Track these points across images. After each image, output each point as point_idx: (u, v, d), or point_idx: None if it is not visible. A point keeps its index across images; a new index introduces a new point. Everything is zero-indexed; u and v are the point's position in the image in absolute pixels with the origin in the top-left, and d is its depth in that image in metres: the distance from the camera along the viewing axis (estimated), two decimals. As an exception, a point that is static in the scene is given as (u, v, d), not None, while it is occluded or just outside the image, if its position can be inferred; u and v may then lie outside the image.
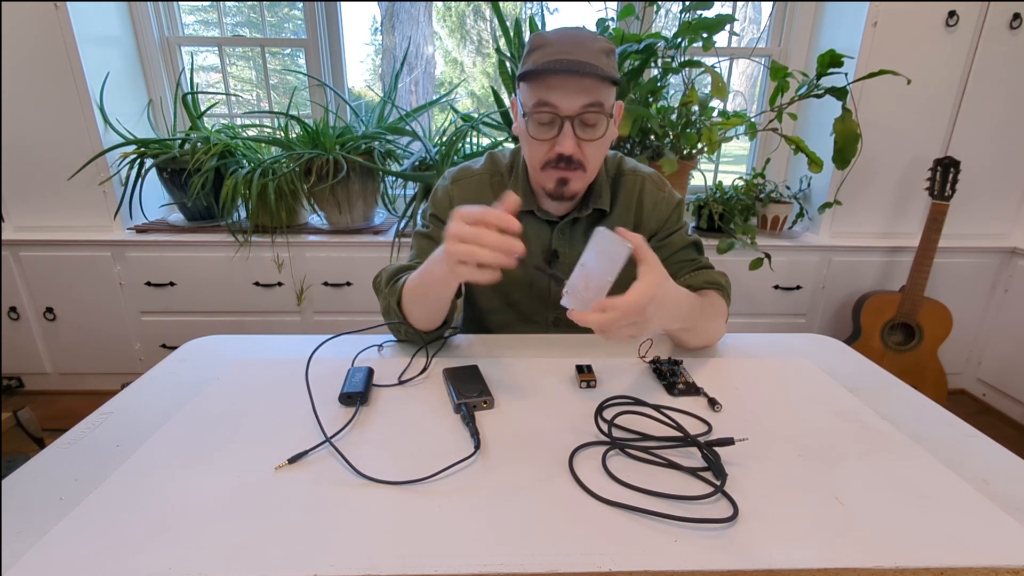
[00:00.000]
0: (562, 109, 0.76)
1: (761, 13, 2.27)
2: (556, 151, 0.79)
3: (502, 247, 0.61)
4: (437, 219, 0.94)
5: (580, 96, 0.75)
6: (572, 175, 0.81)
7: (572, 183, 0.82)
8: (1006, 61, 1.77)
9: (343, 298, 1.92)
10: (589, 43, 0.76)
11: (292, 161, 1.78)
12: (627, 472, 0.56)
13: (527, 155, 0.85)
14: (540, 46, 0.77)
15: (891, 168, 1.92)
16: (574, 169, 0.80)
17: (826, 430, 0.65)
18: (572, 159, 0.79)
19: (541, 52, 0.76)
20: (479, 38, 4.18)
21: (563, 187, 0.82)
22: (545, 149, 0.80)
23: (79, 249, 1.85)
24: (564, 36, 0.77)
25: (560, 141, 0.78)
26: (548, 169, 0.81)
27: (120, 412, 0.68)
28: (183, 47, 2.07)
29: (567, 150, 0.78)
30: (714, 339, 0.88)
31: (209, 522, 0.49)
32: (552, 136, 0.79)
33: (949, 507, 0.52)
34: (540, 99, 0.77)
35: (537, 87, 0.77)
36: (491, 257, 0.61)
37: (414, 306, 0.81)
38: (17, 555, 0.45)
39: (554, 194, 0.84)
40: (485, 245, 0.61)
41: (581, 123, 0.77)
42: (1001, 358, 1.99)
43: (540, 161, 0.81)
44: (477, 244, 0.61)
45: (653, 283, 0.62)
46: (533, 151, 0.82)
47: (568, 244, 0.93)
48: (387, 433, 0.63)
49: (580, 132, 0.78)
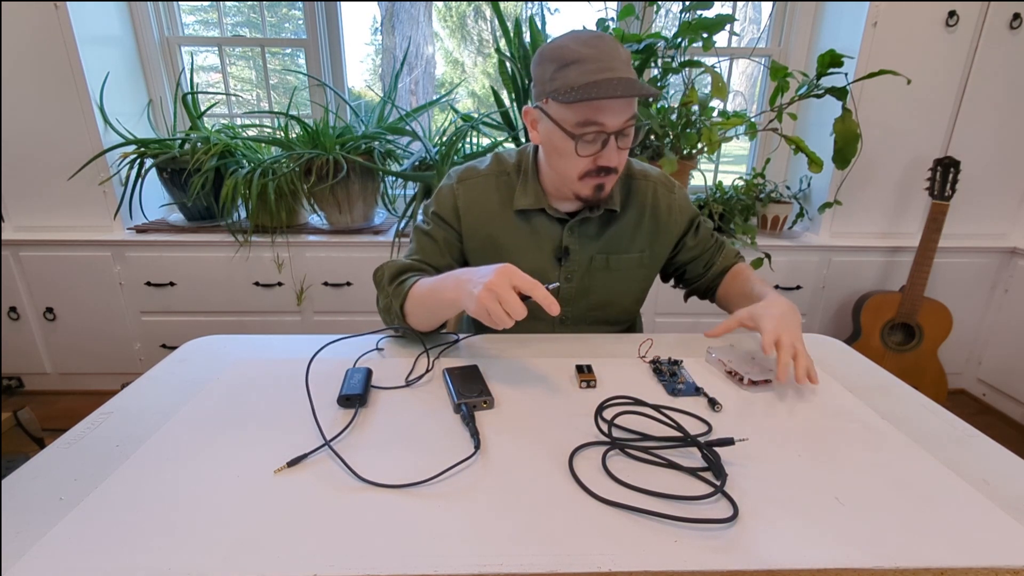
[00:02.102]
0: (609, 127, 0.77)
1: (761, 13, 2.27)
2: (599, 164, 0.81)
3: (519, 317, 0.68)
4: (439, 217, 0.95)
5: (625, 112, 0.78)
6: (608, 180, 0.84)
7: (607, 187, 0.85)
8: (1006, 61, 1.77)
9: (343, 298, 1.92)
10: (619, 53, 0.76)
11: (292, 161, 1.77)
12: (627, 472, 0.56)
13: (561, 166, 0.84)
14: (573, 61, 0.75)
15: (891, 168, 1.91)
16: (611, 174, 0.83)
17: (826, 430, 0.65)
18: (611, 168, 0.82)
19: (579, 69, 0.74)
20: (480, 38, 4.18)
21: (600, 192, 0.85)
22: (588, 163, 0.81)
23: (79, 249, 1.85)
24: (595, 49, 0.75)
25: (605, 155, 0.80)
26: (587, 179, 0.83)
27: (120, 412, 0.68)
28: (183, 47, 2.07)
29: (612, 163, 0.81)
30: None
31: (209, 522, 0.49)
32: (596, 151, 0.80)
33: (949, 507, 0.52)
34: (588, 119, 0.77)
35: (584, 108, 0.76)
36: (510, 322, 0.68)
37: (418, 311, 0.84)
38: (17, 555, 0.45)
39: (591, 199, 0.86)
40: (514, 316, 0.67)
41: (622, 135, 0.80)
42: (1001, 358, 1.99)
43: (580, 172, 0.83)
44: (508, 312, 0.67)
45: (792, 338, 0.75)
46: (573, 164, 0.82)
47: (578, 242, 0.93)
48: (386, 434, 0.63)
49: (620, 143, 0.80)
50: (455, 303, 0.76)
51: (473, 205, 0.93)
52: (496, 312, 0.67)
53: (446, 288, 0.77)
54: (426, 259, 0.93)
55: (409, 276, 0.88)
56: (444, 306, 0.79)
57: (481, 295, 0.67)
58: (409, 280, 0.86)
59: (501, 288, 0.67)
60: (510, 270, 0.69)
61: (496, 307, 0.67)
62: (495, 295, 0.67)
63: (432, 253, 0.94)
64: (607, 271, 0.95)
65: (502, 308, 0.67)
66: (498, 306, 0.67)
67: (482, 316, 0.69)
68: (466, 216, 0.93)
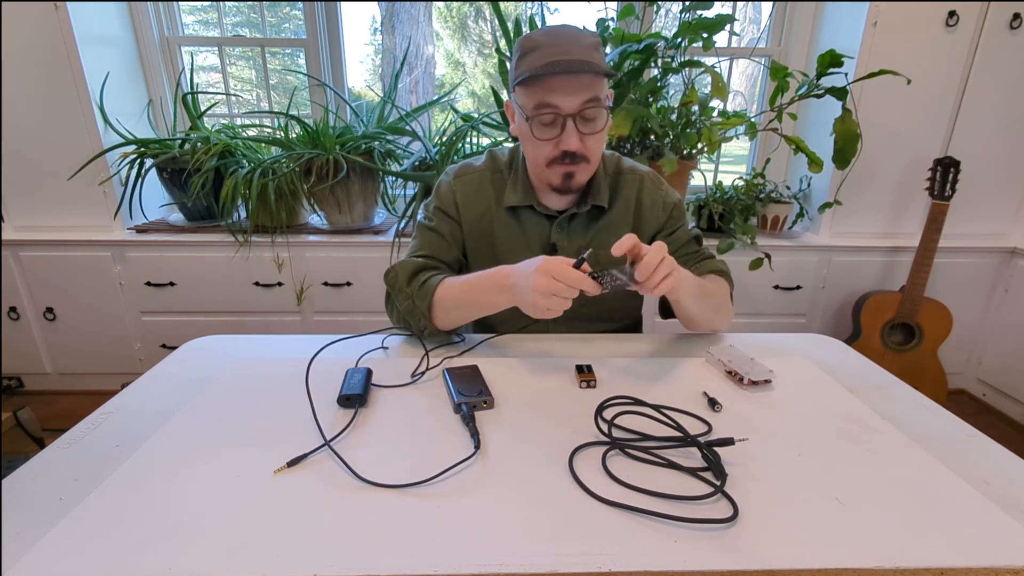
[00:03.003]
0: (563, 108, 0.78)
1: (761, 13, 2.27)
2: (561, 148, 0.81)
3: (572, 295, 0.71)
4: (442, 212, 0.96)
5: (579, 94, 0.78)
6: (577, 168, 0.84)
7: (578, 175, 0.85)
8: (1006, 61, 1.77)
9: (343, 298, 1.92)
10: (579, 39, 0.78)
11: (292, 161, 1.77)
12: (627, 472, 0.56)
13: (530, 154, 0.87)
14: (532, 49, 0.78)
15: (891, 168, 1.91)
16: (578, 163, 0.83)
17: (826, 430, 0.65)
18: (577, 154, 0.82)
19: (534, 55, 0.78)
20: (480, 38, 4.18)
21: (569, 181, 0.85)
22: (550, 148, 0.82)
23: (79, 249, 1.85)
24: (553, 36, 0.78)
25: (564, 139, 0.80)
26: (554, 166, 0.84)
27: (120, 412, 0.68)
28: (183, 47, 2.07)
29: (572, 147, 0.81)
30: (723, 318, 0.93)
31: (209, 522, 0.49)
32: (556, 135, 0.81)
33: (949, 507, 0.52)
34: (541, 101, 0.78)
35: (536, 90, 0.78)
36: (574, 293, 0.70)
37: (449, 312, 0.85)
38: (17, 555, 0.45)
39: (561, 188, 0.87)
40: (567, 297, 0.70)
41: (582, 119, 0.80)
42: (1001, 358, 1.99)
43: (546, 159, 0.84)
44: (562, 297, 0.70)
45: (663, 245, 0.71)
46: (537, 150, 0.84)
47: (567, 238, 0.94)
48: (387, 434, 0.63)
49: (582, 127, 0.80)
50: (495, 304, 0.80)
51: (470, 201, 0.95)
52: (554, 302, 0.70)
53: (487, 291, 0.80)
54: (434, 254, 0.94)
55: (428, 275, 0.88)
56: (485, 307, 0.82)
57: (534, 300, 0.71)
58: (433, 279, 0.87)
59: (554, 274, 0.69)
60: (551, 262, 0.71)
61: (555, 302, 0.70)
62: (549, 289, 0.69)
63: (440, 248, 0.94)
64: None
65: (558, 296, 0.70)
66: (554, 299, 0.70)
67: (539, 304, 0.71)
68: (464, 212, 0.95)
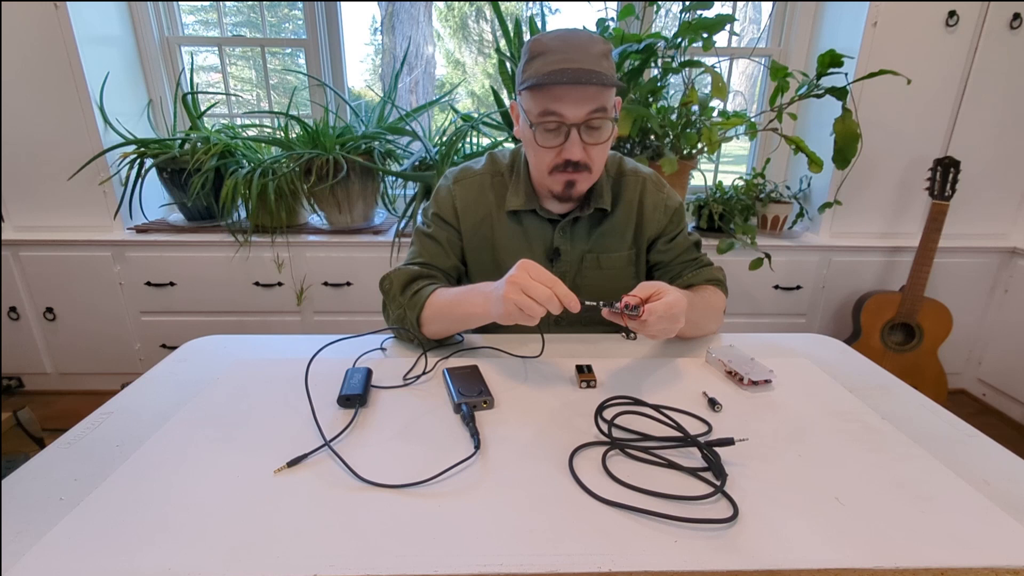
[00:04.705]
0: (568, 118, 0.77)
1: (761, 13, 2.27)
2: (563, 157, 0.80)
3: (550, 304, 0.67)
4: (440, 218, 0.95)
5: (586, 104, 0.76)
6: (579, 177, 0.83)
7: (579, 184, 0.84)
8: (1006, 61, 1.77)
9: (343, 298, 1.92)
10: (589, 47, 0.76)
11: (292, 161, 1.77)
12: (627, 472, 0.56)
13: (533, 160, 0.86)
14: (540, 53, 0.77)
15: (891, 168, 1.91)
16: (580, 172, 0.82)
17: (826, 430, 0.65)
18: (579, 163, 0.81)
19: (543, 60, 0.76)
20: (480, 38, 4.18)
21: (570, 189, 0.84)
22: (552, 155, 0.81)
23: (79, 249, 1.85)
24: (563, 41, 0.76)
25: (568, 148, 0.79)
26: (555, 173, 0.83)
27: (120, 412, 0.68)
28: (183, 47, 2.07)
29: (575, 156, 0.79)
30: (713, 328, 0.94)
31: (209, 522, 0.49)
32: (559, 143, 0.80)
33: (949, 507, 0.52)
34: (546, 108, 0.77)
35: (542, 97, 0.77)
36: (542, 311, 0.67)
37: (437, 323, 0.84)
38: (17, 555, 0.45)
39: (561, 196, 0.86)
40: (541, 301, 0.67)
41: (587, 128, 0.78)
42: (1001, 358, 1.99)
43: (548, 166, 0.83)
44: (536, 300, 0.67)
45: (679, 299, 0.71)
46: (540, 157, 0.83)
47: (569, 242, 0.93)
48: (387, 434, 0.63)
49: (586, 137, 0.79)
50: (484, 316, 0.77)
51: (469, 206, 0.94)
52: (525, 302, 0.66)
53: (472, 303, 0.78)
54: (431, 261, 0.93)
55: (421, 285, 0.87)
56: (471, 319, 0.80)
57: (507, 291, 0.68)
58: (425, 289, 0.86)
59: (523, 278, 0.67)
60: (528, 263, 0.70)
61: (524, 298, 0.67)
62: (519, 286, 0.67)
63: (437, 255, 0.94)
64: (599, 270, 0.95)
65: (529, 297, 0.67)
66: (525, 296, 0.67)
67: (513, 314, 0.68)
68: (464, 216, 0.94)
